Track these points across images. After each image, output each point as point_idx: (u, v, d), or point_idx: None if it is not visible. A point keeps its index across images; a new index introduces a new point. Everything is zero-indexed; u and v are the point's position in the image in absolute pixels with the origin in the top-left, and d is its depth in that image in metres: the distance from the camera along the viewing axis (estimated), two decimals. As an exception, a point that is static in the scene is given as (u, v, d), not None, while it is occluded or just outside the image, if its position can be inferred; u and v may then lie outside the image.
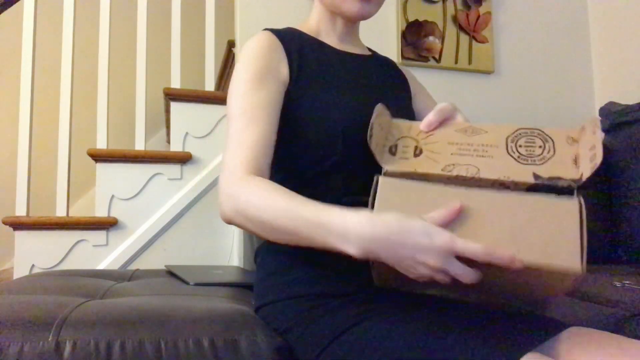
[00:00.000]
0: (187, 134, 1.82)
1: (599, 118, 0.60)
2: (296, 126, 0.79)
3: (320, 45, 0.89)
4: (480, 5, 1.95)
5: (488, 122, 0.69)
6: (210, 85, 1.91)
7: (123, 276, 1.19)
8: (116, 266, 1.65)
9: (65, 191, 1.73)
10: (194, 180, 1.78)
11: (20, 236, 1.61)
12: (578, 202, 0.56)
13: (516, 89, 1.99)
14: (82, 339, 0.67)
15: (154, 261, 1.69)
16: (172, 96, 1.84)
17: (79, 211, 2.64)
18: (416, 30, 1.86)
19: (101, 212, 1.69)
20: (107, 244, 1.67)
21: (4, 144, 2.76)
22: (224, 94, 1.80)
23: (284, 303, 0.75)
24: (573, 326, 0.65)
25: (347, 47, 0.92)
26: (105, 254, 1.67)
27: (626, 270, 1.34)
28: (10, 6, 1.96)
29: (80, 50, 2.11)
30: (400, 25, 1.85)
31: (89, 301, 0.80)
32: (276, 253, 0.79)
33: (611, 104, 1.71)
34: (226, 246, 1.76)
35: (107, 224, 1.67)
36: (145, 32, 1.89)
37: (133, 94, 1.86)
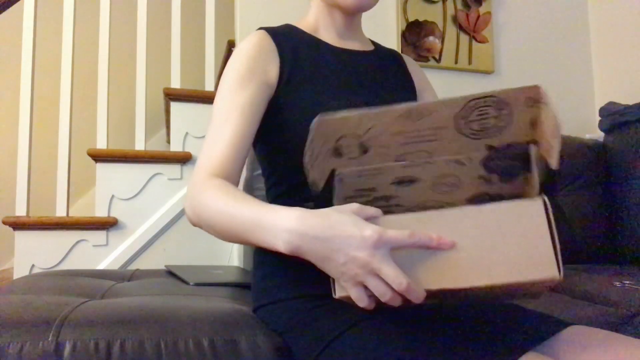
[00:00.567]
0: (187, 134, 1.82)
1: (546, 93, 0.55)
2: (286, 129, 0.78)
3: (317, 43, 0.87)
4: (480, 5, 1.95)
5: None
6: (210, 85, 1.91)
7: (123, 276, 1.19)
8: (116, 266, 1.65)
9: (65, 191, 1.73)
10: (194, 180, 1.77)
11: (20, 236, 1.61)
12: (542, 202, 0.51)
13: (516, 89, 1.99)
14: (82, 339, 0.67)
15: (154, 261, 1.69)
16: (172, 96, 1.84)
17: (79, 211, 2.64)
18: (416, 30, 1.86)
19: (101, 212, 1.69)
20: (107, 244, 1.67)
21: (4, 144, 2.76)
22: (224, 94, 1.79)
23: (282, 304, 0.75)
24: (574, 325, 0.65)
25: (347, 43, 0.90)
26: (105, 254, 1.67)
27: (626, 270, 1.34)
28: (10, 6, 1.96)
29: (80, 50, 2.11)
30: (400, 25, 1.85)
31: (89, 301, 0.80)
32: (274, 253, 0.79)
33: (611, 104, 1.71)
34: (226, 246, 1.76)
35: (107, 224, 1.67)
36: (145, 32, 1.89)
37: (133, 94, 1.86)
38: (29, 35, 1.77)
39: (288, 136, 0.78)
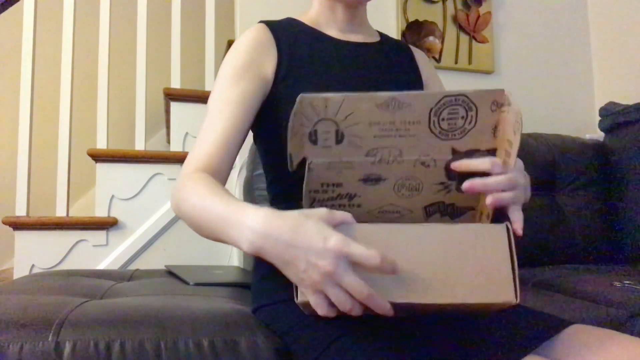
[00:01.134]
0: (187, 134, 1.82)
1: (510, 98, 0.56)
2: (283, 124, 0.78)
3: (318, 36, 0.87)
4: (480, 5, 1.95)
5: None
6: (210, 85, 1.90)
7: (123, 276, 1.19)
8: (116, 266, 1.65)
9: (65, 191, 1.73)
10: (194, 180, 1.77)
11: (20, 236, 1.61)
12: (506, 228, 0.55)
13: (516, 89, 1.99)
14: (82, 339, 0.67)
15: (154, 261, 1.69)
16: (172, 96, 1.84)
17: (79, 211, 2.64)
18: (416, 30, 1.86)
19: (101, 212, 1.69)
20: (107, 244, 1.67)
21: (4, 144, 2.76)
22: (224, 94, 1.79)
23: (282, 305, 0.74)
24: (574, 324, 0.65)
25: (351, 36, 0.89)
26: (105, 254, 1.66)
27: (626, 270, 1.34)
28: (10, 6, 1.96)
29: (80, 50, 2.11)
30: (400, 25, 1.85)
31: (89, 301, 0.80)
32: None
33: (611, 104, 1.71)
34: (226, 246, 1.76)
35: (107, 224, 1.67)
36: (145, 32, 1.89)
37: (133, 94, 1.86)
38: (29, 35, 1.77)
39: (285, 132, 0.78)
